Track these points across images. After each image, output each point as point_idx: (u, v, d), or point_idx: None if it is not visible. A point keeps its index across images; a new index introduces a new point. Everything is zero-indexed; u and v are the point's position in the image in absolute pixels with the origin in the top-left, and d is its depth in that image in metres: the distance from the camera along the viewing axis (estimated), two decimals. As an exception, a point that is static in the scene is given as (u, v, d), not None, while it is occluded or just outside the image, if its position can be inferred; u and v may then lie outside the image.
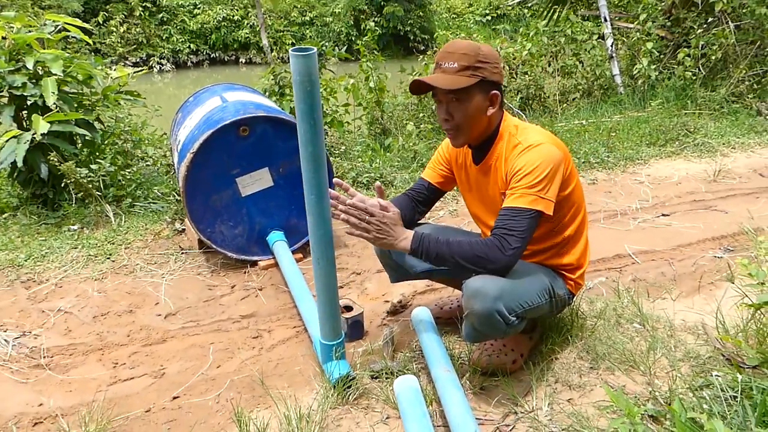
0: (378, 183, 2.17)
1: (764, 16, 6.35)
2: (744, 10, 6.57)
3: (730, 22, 6.53)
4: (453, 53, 1.98)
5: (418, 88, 2.04)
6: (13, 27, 3.93)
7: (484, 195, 2.22)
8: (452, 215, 3.96)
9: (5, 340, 2.62)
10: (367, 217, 2.00)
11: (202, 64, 17.40)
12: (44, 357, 2.52)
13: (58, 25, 4.18)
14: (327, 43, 16.72)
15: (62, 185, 3.98)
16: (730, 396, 1.90)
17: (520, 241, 1.93)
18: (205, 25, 17.04)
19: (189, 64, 17.24)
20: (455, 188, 2.44)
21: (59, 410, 2.17)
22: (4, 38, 3.84)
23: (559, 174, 2.00)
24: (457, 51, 1.98)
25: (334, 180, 2.11)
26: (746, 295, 2.39)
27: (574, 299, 2.40)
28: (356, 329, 2.54)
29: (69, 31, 4.19)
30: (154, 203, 4.14)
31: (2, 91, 3.78)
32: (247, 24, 17.29)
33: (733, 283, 2.68)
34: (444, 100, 2.03)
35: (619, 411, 1.91)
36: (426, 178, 2.39)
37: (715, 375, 2.10)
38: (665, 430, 1.87)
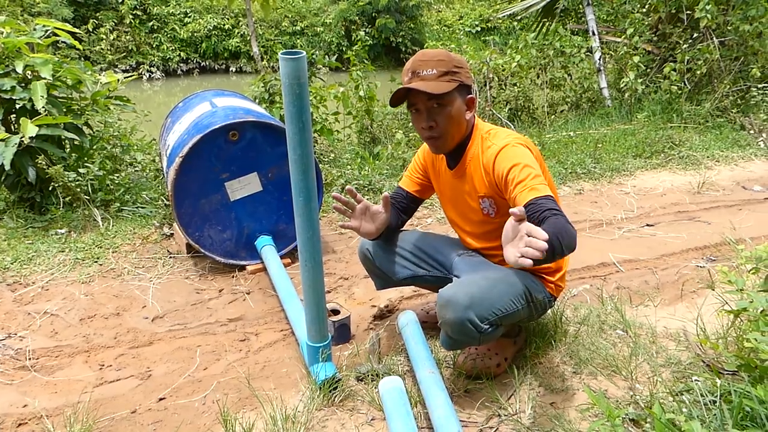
0: (386, 193, 2.18)
1: (748, 33, 6.48)
2: (729, 27, 6.68)
3: (714, 39, 6.64)
4: (428, 61, 2.01)
5: (398, 99, 2.07)
6: (2, 31, 3.93)
7: (459, 199, 2.24)
8: (440, 222, 3.99)
9: (-10, 342, 2.62)
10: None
11: (192, 73, 17.38)
12: (30, 359, 2.51)
13: (48, 30, 4.19)
14: (318, 52, 16.79)
15: (50, 189, 3.97)
16: (710, 400, 1.93)
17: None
18: (195, 34, 17.03)
19: (179, 72, 17.21)
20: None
21: (44, 411, 2.17)
22: (-6, 42, 3.84)
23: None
24: (432, 58, 2.02)
25: (346, 188, 2.13)
26: (726, 303, 2.44)
27: (557, 303, 2.44)
28: (343, 332, 2.55)
29: (59, 36, 4.19)
30: (142, 208, 4.14)
31: (-9, 95, 3.78)
32: (238, 33, 17.31)
33: (713, 290, 2.73)
34: (424, 108, 2.04)
35: (600, 414, 1.94)
36: (403, 186, 2.43)
37: (695, 380, 2.14)
38: (645, 432, 1.90)
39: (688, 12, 6.79)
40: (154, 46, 16.89)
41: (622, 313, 2.64)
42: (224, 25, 17.33)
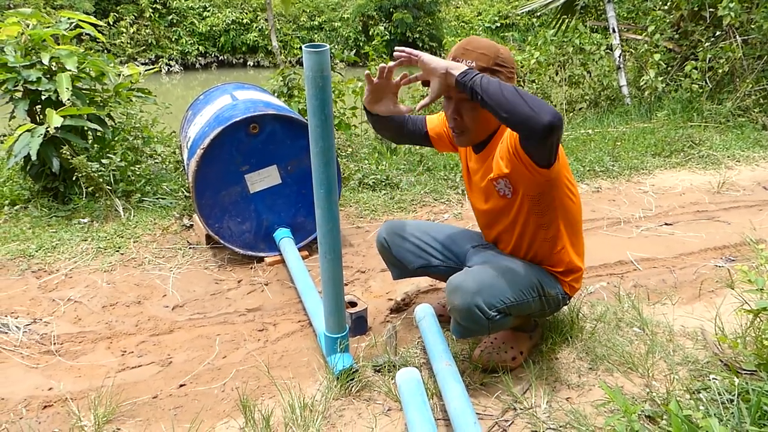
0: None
1: (772, 32, 6.40)
2: (752, 25, 6.60)
3: (737, 37, 6.56)
4: (472, 51, 1.94)
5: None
6: (29, 23, 4.00)
7: (478, 183, 2.22)
8: (457, 218, 4.00)
9: (16, 327, 2.67)
10: None
11: (210, 67, 17.49)
12: (54, 344, 2.57)
13: (72, 22, 4.25)
14: (336, 47, 16.81)
15: (73, 179, 4.04)
16: (727, 399, 1.93)
17: (558, 122, 1.70)
18: (214, 28, 17.14)
19: (197, 66, 17.32)
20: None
21: (69, 394, 2.22)
22: (21, 34, 3.90)
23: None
24: (475, 49, 1.95)
25: (396, 49, 2.00)
26: (746, 302, 2.43)
27: (573, 300, 2.44)
28: (360, 324, 2.58)
29: (83, 28, 4.26)
30: (162, 199, 4.20)
31: (17, 86, 3.84)
32: (256, 27, 17.39)
33: (732, 289, 2.72)
34: (454, 98, 2.00)
35: (616, 410, 1.95)
36: (427, 123, 2.37)
37: (713, 378, 2.14)
38: (661, 429, 1.91)
39: (711, 10, 6.72)
40: (173, 39, 17.01)
41: (639, 311, 2.64)
42: (242, 19, 17.41)
